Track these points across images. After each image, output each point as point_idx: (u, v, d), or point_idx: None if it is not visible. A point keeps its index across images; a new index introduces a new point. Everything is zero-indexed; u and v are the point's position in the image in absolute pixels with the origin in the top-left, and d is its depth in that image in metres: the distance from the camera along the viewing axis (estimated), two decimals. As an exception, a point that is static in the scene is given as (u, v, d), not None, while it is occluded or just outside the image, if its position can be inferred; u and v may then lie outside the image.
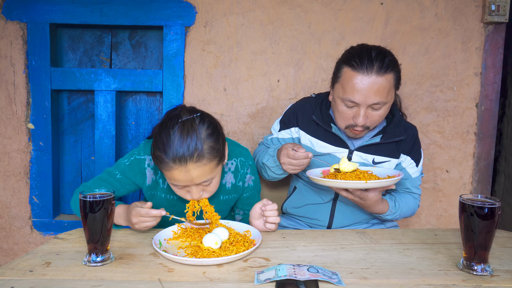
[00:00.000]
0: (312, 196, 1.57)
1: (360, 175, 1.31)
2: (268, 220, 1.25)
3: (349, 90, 1.36)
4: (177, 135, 1.11)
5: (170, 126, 1.14)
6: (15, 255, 2.04)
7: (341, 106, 1.42)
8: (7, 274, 0.96)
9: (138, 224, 1.18)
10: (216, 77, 1.96)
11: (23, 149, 1.97)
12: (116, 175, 1.32)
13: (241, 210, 1.46)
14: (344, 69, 1.40)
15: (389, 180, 1.26)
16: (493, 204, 0.96)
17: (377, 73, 1.34)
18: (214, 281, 0.93)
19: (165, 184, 1.33)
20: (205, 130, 1.15)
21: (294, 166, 1.35)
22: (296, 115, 1.58)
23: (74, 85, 1.94)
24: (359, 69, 1.34)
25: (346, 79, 1.38)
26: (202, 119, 1.17)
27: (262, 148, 1.63)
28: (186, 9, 1.91)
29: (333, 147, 1.51)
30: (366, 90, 1.34)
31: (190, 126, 1.13)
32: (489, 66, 1.97)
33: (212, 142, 1.15)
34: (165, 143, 1.12)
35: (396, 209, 1.47)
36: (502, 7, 1.88)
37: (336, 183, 1.26)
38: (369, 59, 1.35)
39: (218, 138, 1.19)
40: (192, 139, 1.11)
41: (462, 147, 2.02)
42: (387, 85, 1.36)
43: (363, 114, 1.38)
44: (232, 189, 1.38)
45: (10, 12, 1.89)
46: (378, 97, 1.35)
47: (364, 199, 1.35)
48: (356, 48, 1.43)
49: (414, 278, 0.96)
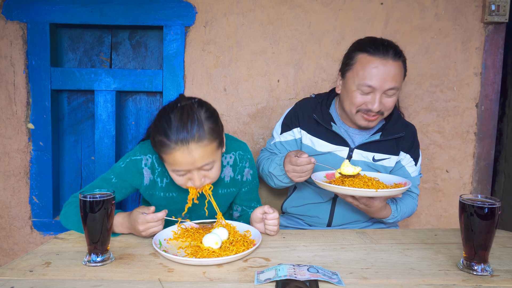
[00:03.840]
0: (311, 196, 1.57)
1: (369, 182, 1.29)
2: (268, 228, 1.25)
3: (367, 74, 1.38)
4: (177, 117, 1.14)
5: (169, 110, 1.16)
6: (15, 255, 2.04)
7: (356, 93, 1.42)
8: (7, 274, 0.95)
9: (146, 231, 1.16)
10: (216, 77, 1.96)
11: (23, 149, 1.97)
12: (111, 179, 1.30)
13: (239, 206, 1.46)
14: (359, 55, 1.41)
15: (399, 189, 1.24)
16: (493, 204, 0.96)
17: (393, 58, 1.38)
18: (214, 281, 0.93)
19: (164, 182, 1.33)
20: (204, 112, 1.18)
21: (298, 173, 1.34)
22: (297, 115, 1.58)
23: (74, 85, 1.94)
24: (376, 54, 1.38)
25: (362, 65, 1.39)
26: (200, 103, 1.21)
27: (266, 154, 1.61)
28: (186, 9, 1.91)
29: (333, 146, 1.51)
30: (384, 74, 1.37)
31: (190, 109, 1.16)
32: (489, 66, 1.97)
33: (211, 124, 1.17)
34: (166, 126, 1.14)
35: (398, 213, 1.47)
36: (502, 7, 1.88)
37: (345, 190, 1.24)
38: (383, 45, 1.39)
39: (217, 121, 1.21)
40: (192, 121, 1.14)
41: (462, 147, 2.02)
42: (401, 71, 1.41)
43: (378, 99, 1.39)
44: (231, 182, 1.38)
45: (10, 12, 1.89)
46: (394, 82, 1.38)
47: (369, 206, 1.35)
48: (366, 39, 1.47)
49: (414, 278, 0.96)
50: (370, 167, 1.51)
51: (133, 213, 1.18)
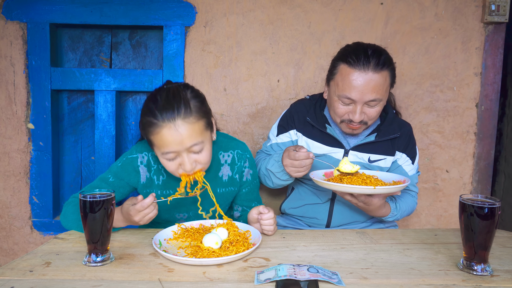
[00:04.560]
0: (310, 197, 1.57)
1: (367, 180, 1.29)
2: (264, 229, 1.25)
3: (346, 86, 1.36)
4: (163, 97, 1.16)
5: (155, 93, 1.20)
6: (15, 255, 2.04)
7: (337, 103, 1.41)
8: (7, 274, 0.95)
9: (142, 220, 1.16)
10: (216, 77, 1.96)
11: (23, 149, 1.97)
12: (109, 179, 1.31)
13: (240, 206, 1.46)
14: (341, 66, 1.39)
15: (397, 186, 1.23)
16: (493, 204, 0.96)
17: (374, 70, 1.34)
18: (214, 281, 0.93)
19: (160, 180, 1.33)
20: (190, 92, 1.21)
21: (296, 168, 1.34)
22: (292, 118, 1.58)
23: (74, 85, 1.94)
24: (356, 66, 1.34)
25: (342, 76, 1.38)
26: (186, 85, 1.24)
27: (263, 156, 1.61)
28: (186, 9, 1.91)
29: (328, 148, 1.51)
30: (363, 87, 1.34)
31: (176, 90, 1.19)
32: (489, 66, 1.97)
33: (197, 102, 1.19)
34: (152, 106, 1.16)
35: (398, 211, 1.47)
36: (502, 7, 1.88)
37: (342, 187, 1.24)
38: (365, 56, 1.34)
39: (204, 102, 1.23)
40: (178, 98, 1.16)
41: (462, 147, 2.02)
42: (383, 82, 1.36)
43: (359, 111, 1.38)
44: (229, 181, 1.38)
45: (10, 12, 1.89)
46: (375, 94, 1.35)
47: (368, 204, 1.34)
48: (352, 46, 1.43)
49: (414, 278, 0.96)
50: (366, 168, 1.51)
51: (124, 207, 1.18)
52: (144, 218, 1.16)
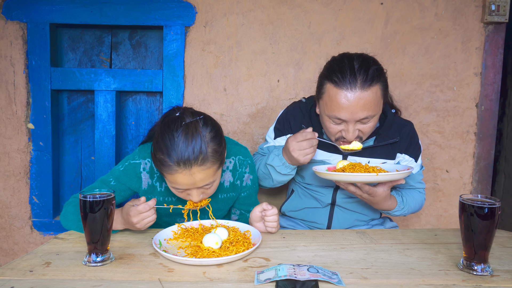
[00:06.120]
0: (309, 200, 1.56)
1: (370, 168, 1.26)
2: (268, 225, 1.25)
3: (335, 107, 1.29)
4: (182, 138, 1.10)
5: (174, 128, 1.11)
6: (15, 255, 2.04)
7: (329, 123, 1.36)
8: (7, 274, 0.95)
9: (140, 222, 1.15)
10: (216, 77, 1.96)
11: (23, 149, 1.97)
12: (110, 182, 1.29)
13: (238, 210, 1.46)
14: (327, 85, 1.31)
15: (400, 173, 1.20)
16: (493, 204, 0.96)
17: (362, 87, 1.25)
18: (214, 281, 0.93)
19: (163, 187, 1.33)
20: (208, 133, 1.14)
21: (305, 150, 1.30)
22: (289, 122, 1.54)
23: (74, 85, 1.94)
24: (342, 85, 1.26)
25: (329, 97, 1.30)
26: (205, 121, 1.16)
27: (258, 157, 1.59)
28: (186, 9, 1.91)
29: (327, 153, 1.48)
30: (352, 107, 1.27)
31: (195, 129, 1.11)
32: (489, 66, 1.97)
33: (215, 145, 1.15)
34: (169, 146, 1.10)
35: (404, 204, 1.44)
36: (502, 7, 1.88)
37: (345, 176, 1.21)
38: (351, 72, 1.26)
39: (221, 141, 1.18)
40: (197, 142, 1.10)
41: (462, 147, 2.02)
42: (374, 98, 1.28)
43: (352, 130, 1.32)
44: (230, 187, 1.38)
45: (10, 12, 1.89)
46: (366, 112, 1.28)
47: (373, 195, 1.31)
48: (337, 60, 1.35)
49: (414, 278, 0.96)
50: None
51: (125, 207, 1.17)
52: (142, 221, 1.15)
